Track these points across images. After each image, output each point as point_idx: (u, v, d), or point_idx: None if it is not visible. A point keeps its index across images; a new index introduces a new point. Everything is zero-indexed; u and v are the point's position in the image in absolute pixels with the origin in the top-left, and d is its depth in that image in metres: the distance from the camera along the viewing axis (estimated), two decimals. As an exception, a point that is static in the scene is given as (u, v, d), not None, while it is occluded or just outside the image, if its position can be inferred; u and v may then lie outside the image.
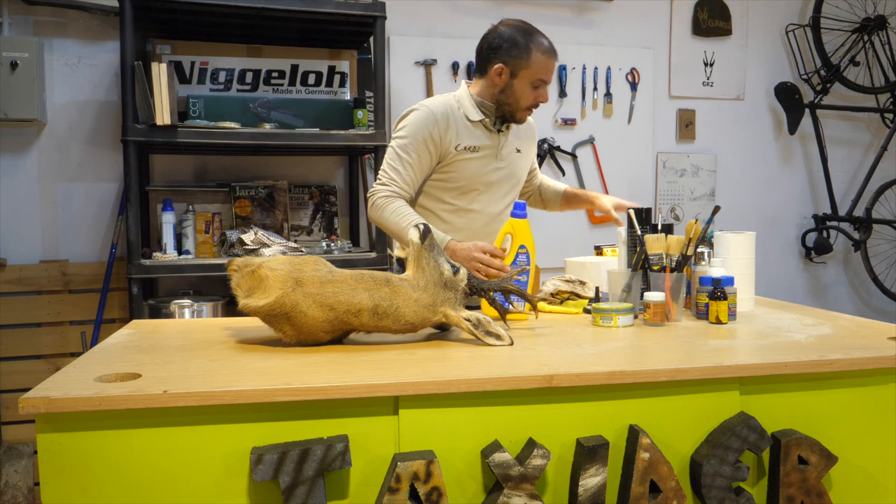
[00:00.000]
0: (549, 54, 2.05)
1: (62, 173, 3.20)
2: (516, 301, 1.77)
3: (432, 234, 1.51)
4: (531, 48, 2.03)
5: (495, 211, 2.16)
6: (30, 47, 2.98)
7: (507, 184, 2.18)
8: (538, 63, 2.02)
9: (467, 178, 2.09)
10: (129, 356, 1.37)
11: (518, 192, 2.27)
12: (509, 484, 1.19)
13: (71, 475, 1.10)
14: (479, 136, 2.09)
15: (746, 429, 1.29)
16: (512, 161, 2.18)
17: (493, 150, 2.11)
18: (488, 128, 2.10)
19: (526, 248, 1.80)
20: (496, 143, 2.12)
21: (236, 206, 3.20)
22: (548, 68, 2.05)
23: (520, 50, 2.03)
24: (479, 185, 2.11)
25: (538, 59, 2.02)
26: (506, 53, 2.04)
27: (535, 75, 2.03)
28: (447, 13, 3.65)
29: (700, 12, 4.01)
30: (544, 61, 2.03)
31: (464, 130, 2.07)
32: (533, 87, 2.05)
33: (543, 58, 2.03)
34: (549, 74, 2.06)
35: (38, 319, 3.11)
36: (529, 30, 2.08)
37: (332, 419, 1.18)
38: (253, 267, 1.44)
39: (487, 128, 2.10)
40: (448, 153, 2.06)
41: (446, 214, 2.12)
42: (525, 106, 2.08)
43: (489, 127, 2.10)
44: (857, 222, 4.17)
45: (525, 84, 2.04)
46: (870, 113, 4.31)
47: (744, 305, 1.89)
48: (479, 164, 2.09)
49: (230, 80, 3.24)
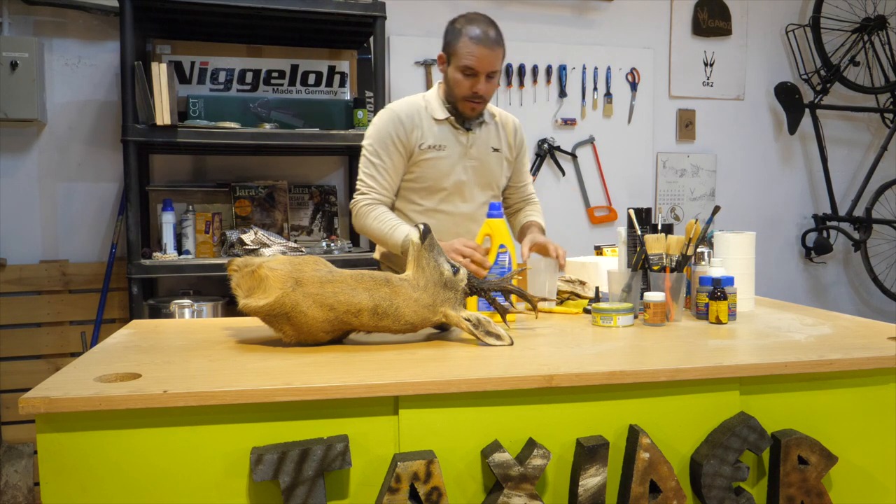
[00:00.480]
0: (475, 41, 1.97)
1: (62, 173, 3.19)
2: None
3: (432, 234, 1.51)
4: (461, 33, 1.98)
5: (467, 211, 2.12)
6: (30, 47, 2.98)
7: (478, 184, 2.14)
8: (463, 49, 1.97)
9: (433, 178, 2.07)
10: (129, 356, 1.37)
11: (495, 194, 2.21)
12: (509, 484, 1.19)
13: (71, 475, 1.10)
14: (445, 134, 2.07)
15: (746, 429, 1.29)
16: (485, 160, 2.14)
17: (460, 149, 2.08)
18: (455, 126, 2.08)
19: (506, 247, 1.78)
20: (463, 143, 2.09)
21: (236, 206, 3.20)
22: (472, 54, 1.96)
23: (452, 35, 2.01)
24: (447, 185, 2.09)
25: (464, 44, 1.97)
26: (445, 41, 2.04)
27: (461, 61, 1.98)
28: (447, 13, 3.63)
29: (700, 12, 4.01)
30: (469, 47, 1.97)
31: (429, 129, 2.05)
32: (464, 76, 1.99)
33: (469, 43, 1.97)
34: (475, 61, 1.97)
35: (38, 319, 3.11)
36: (474, 18, 2.01)
37: (332, 419, 1.18)
38: (253, 267, 1.44)
39: (454, 126, 2.08)
40: (414, 152, 2.05)
41: (416, 216, 2.11)
42: (461, 96, 2.02)
43: (455, 125, 2.08)
44: (857, 222, 4.17)
45: (455, 71, 2.00)
46: (870, 113, 4.31)
47: (744, 305, 1.89)
48: (446, 163, 2.07)
49: (230, 80, 3.24)
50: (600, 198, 3.92)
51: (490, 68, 2.00)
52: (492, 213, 1.82)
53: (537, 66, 3.75)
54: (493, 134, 2.16)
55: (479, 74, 1.99)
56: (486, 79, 2.01)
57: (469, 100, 2.03)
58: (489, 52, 1.98)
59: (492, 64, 2.00)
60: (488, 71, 2.00)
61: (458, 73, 1.99)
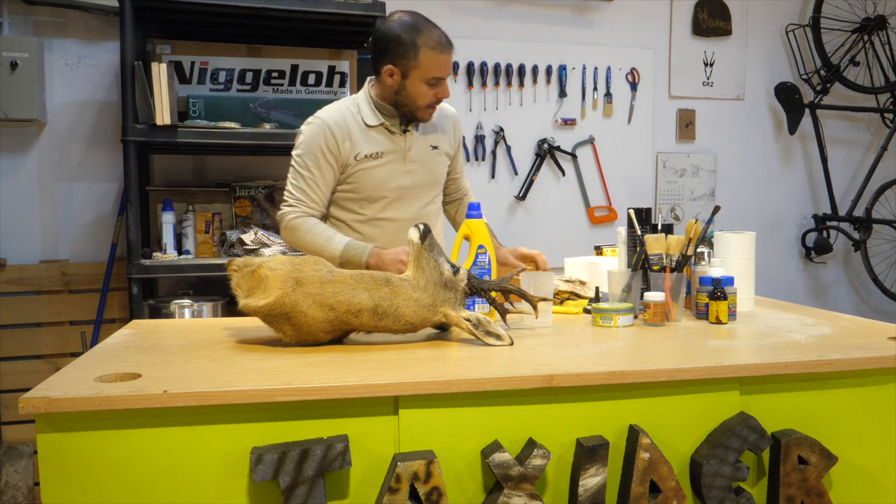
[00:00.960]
0: (439, 50, 1.90)
1: (62, 173, 3.19)
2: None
3: (432, 234, 1.51)
4: (419, 46, 1.89)
5: (411, 216, 2.03)
6: (30, 47, 2.98)
7: (421, 186, 2.06)
8: (428, 61, 1.89)
9: (373, 187, 1.99)
10: (129, 356, 1.37)
11: (439, 192, 2.14)
12: (509, 484, 1.19)
13: (71, 475, 1.10)
14: (381, 141, 1.99)
15: (746, 429, 1.29)
16: (426, 161, 2.06)
17: (398, 154, 2.00)
18: (390, 130, 2.00)
19: (485, 247, 1.76)
20: (401, 146, 2.01)
21: (236, 206, 3.20)
22: (440, 64, 1.91)
23: (406, 49, 1.89)
24: (388, 193, 2.01)
25: (427, 57, 1.89)
26: (393, 53, 1.91)
27: (428, 74, 1.90)
28: (447, 13, 3.65)
29: (700, 12, 4.01)
30: (435, 58, 1.90)
31: (362, 138, 1.97)
32: (428, 86, 1.92)
33: (433, 55, 1.90)
34: (442, 71, 1.92)
35: (38, 319, 3.11)
36: (418, 24, 1.92)
37: (332, 419, 1.18)
38: (253, 267, 1.43)
39: (389, 130, 2.00)
40: (348, 163, 1.97)
41: (358, 225, 2.03)
42: (424, 105, 1.95)
43: (390, 129, 2.00)
44: (857, 222, 4.17)
45: (418, 84, 1.92)
46: (870, 113, 4.31)
47: (744, 305, 1.89)
48: (385, 170, 1.99)
49: (230, 80, 3.23)
50: (600, 198, 3.92)
51: (451, 70, 1.97)
52: (470, 213, 1.78)
53: (537, 66, 3.75)
54: (431, 131, 2.08)
55: (444, 79, 1.95)
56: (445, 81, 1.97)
57: (430, 106, 1.97)
58: (449, 57, 1.95)
59: (451, 66, 1.97)
60: (449, 74, 1.97)
61: (423, 84, 1.92)
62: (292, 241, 1.99)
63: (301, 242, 1.96)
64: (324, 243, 1.91)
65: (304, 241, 1.95)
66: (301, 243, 1.96)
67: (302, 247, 1.97)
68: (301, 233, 1.95)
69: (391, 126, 2.01)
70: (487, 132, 3.72)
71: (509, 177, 3.77)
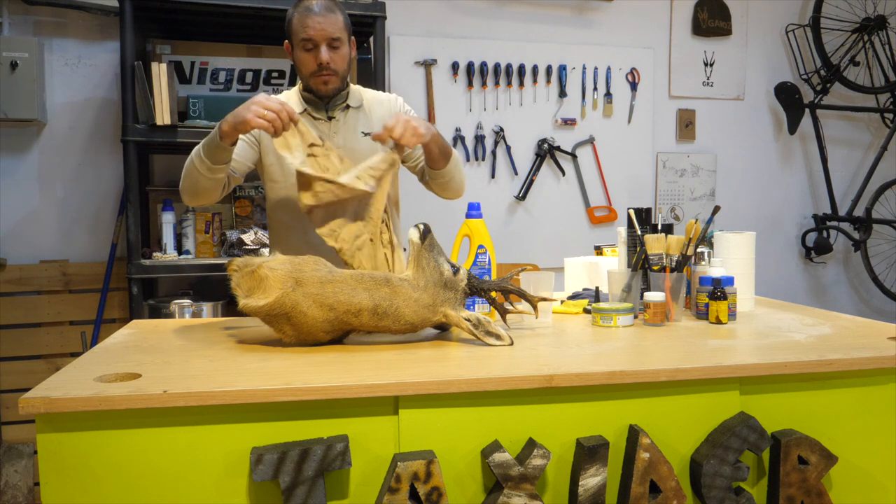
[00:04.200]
0: (305, 12, 1.90)
1: (62, 173, 3.20)
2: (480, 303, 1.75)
3: (432, 234, 1.51)
4: (292, 14, 1.93)
5: None
6: (30, 47, 2.98)
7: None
8: (297, 25, 1.91)
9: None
10: (129, 356, 1.37)
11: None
12: (509, 484, 1.19)
13: (71, 475, 1.10)
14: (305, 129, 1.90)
15: (746, 429, 1.29)
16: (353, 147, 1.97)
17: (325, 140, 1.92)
18: (314, 116, 1.98)
19: (485, 247, 1.76)
20: (325, 131, 1.97)
21: (236, 206, 3.20)
22: (306, 27, 1.89)
23: (287, 20, 1.95)
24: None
25: (297, 21, 1.91)
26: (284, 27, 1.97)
27: (298, 36, 1.91)
28: (447, 13, 3.65)
29: (700, 12, 4.01)
30: (302, 21, 1.90)
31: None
32: (305, 51, 1.92)
33: (300, 18, 1.91)
34: (309, 31, 1.89)
35: (38, 319, 3.11)
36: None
37: (332, 419, 1.18)
38: (253, 267, 1.43)
39: (313, 116, 1.98)
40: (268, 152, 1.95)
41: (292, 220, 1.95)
42: (308, 73, 1.94)
43: (314, 115, 1.98)
44: (857, 222, 4.17)
45: (297, 50, 1.93)
46: (870, 113, 4.31)
47: (744, 305, 1.89)
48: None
49: (230, 80, 3.23)
50: (600, 198, 3.92)
51: (328, 35, 1.91)
52: (470, 213, 1.79)
53: (537, 66, 3.75)
54: (362, 118, 2.03)
55: (319, 44, 1.91)
56: (328, 49, 1.92)
57: (317, 74, 1.93)
58: (322, 20, 1.90)
59: (328, 31, 1.91)
60: (327, 38, 1.91)
61: (300, 50, 1.92)
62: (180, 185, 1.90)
63: (182, 175, 1.88)
64: (192, 154, 1.84)
65: (187, 168, 1.87)
66: (182, 176, 1.88)
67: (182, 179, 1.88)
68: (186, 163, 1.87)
69: (314, 112, 1.99)
70: (487, 132, 3.72)
71: (509, 177, 3.77)
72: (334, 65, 1.94)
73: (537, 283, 1.72)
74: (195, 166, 1.82)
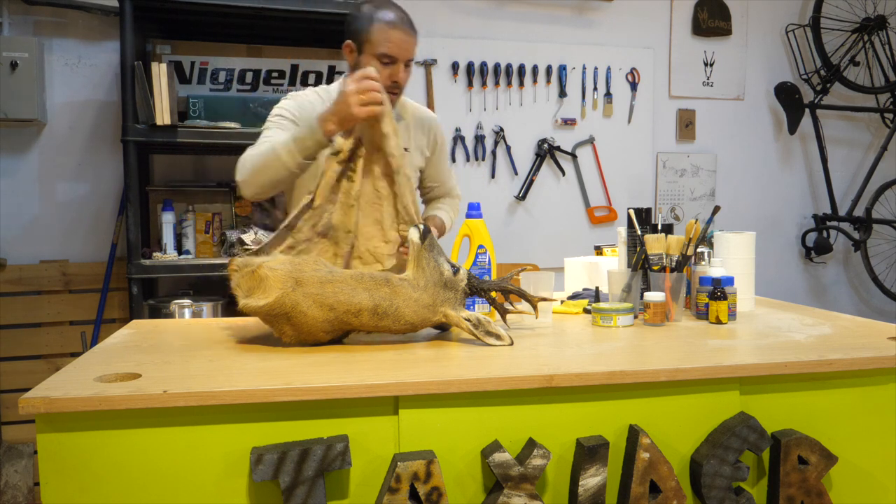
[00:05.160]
0: (391, 25, 1.82)
1: (62, 173, 3.20)
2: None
3: (432, 234, 1.51)
4: (373, 18, 1.82)
5: None
6: (30, 47, 2.98)
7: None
8: (378, 34, 1.81)
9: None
10: (129, 356, 1.37)
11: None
12: (509, 484, 1.19)
13: (71, 475, 1.10)
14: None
15: (746, 429, 1.29)
16: None
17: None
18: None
19: (485, 247, 1.76)
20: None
21: (236, 206, 3.20)
22: (389, 40, 1.81)
23: (362, 21, 1.83)
24: None
25: (378, 29, 1.81)
26: (351, 28, 1.87)
27: (377, 48, 1.82)
28: (447, 13, 3.65)
29: (700, 12, 4.01)
30: (385, 32, 1.81)
31: None
32: (381, 63, 1.82)
33: (384, 27, 1.82)
34: (393, 48, 1.82)
35: (38, 319, 3.11)
36: (382, 3, 1.86)
37: (332, 419, 1.18)
38: (253, 267, 1.43)
39: None
40: None
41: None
42: None
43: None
44: (857, 222, 4.17)
45: (370, 59, 1.83)
46: (870, 113, 4.31)
47: (744, 305, 1.89)
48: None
49: (230, 80, 3.23)
50: (600, 198, 3.92)
51: (409, 55, 1.86)
52: (470, 213, 1.79)
53: (537, 66, 3.75)
54: (403, 133, 2.00)
55: (398, 62, 1.85)
56: (403, 66, 1.86)
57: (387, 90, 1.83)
58: (406, 38, 1.85)
59: (410, 51, 1.86)
60: (407, 58, 1.86)
61: (374, 61, 1.83)
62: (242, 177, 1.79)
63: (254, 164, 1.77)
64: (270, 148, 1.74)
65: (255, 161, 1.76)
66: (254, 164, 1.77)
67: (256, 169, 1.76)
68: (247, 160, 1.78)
69: None
70: (487, 132, 3.72)
71: (509, 177, 3.77)
72: (403, 83, 1.90)
73: (537, 283, 1.72)
74: (282, 162, 1.71)
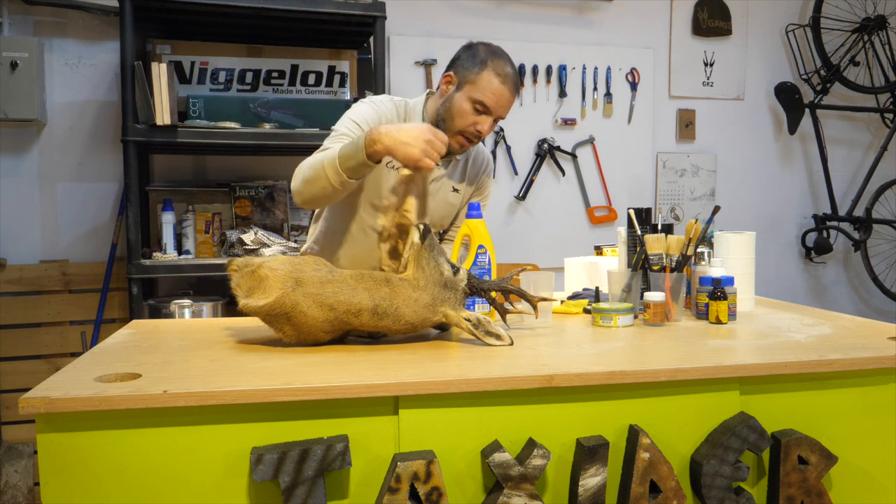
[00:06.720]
0: (501, 79, 1.82)
1: (62, 173, 3.20)
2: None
3: (432, 234, 1.51)
4: (487, 64, 1.83)
5: None
6: (30, 47, 2.98)
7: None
8: (485, 81, 1.82)
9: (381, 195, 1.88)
10: (129, 356, 1.37)
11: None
12: (509, 484, 1.19)
13: (71, 475, 1.10)
14: None
15: (746, 429, 1.29)
16: (440, 198, 1.96)
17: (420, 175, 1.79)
18: None
19: (485, 247, 1.76)
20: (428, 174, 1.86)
21: (236, 206, 3.20)
22: (492, 91, 1.82)
23: (474, 62, 1.84)
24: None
25: (487, 77, 1.82)
26: (460, 62, 1.87)
27: (476, 93, 1.82)
28: (447, 13, 3.65)
29: (700, 12, 4.01)
30: (492, 82, 1.82)
31: None
32: (473, 108, 1.83)
33: (493, 78, 1.82)
34: (492, 99, 1.82)
35: (38, 319, 3.11)
36: (498, 52, 1.87)
37: (332, 419, 1.18)
38: (253, 267, 1.43)
39: None
40: None
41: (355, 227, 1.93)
42: (459, 127, 1.84)
43: None
44: (857, 222, 4.17)
45: (465, 99, 1.83)
46: (870, 113, 4.31)
47: (744, 305, 1.89)
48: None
49: (230, 80, 3.24)
50: (600, 198, 3.92)
51: (503, 113, 1.87)
52: (470, 213, 1.78)
53: (537, 66, 3.75)
54: (459, 172, 2.01)
55: (491, 115, 1.85)
56: (493, 121, 1.86)
57: (465, 135, 1.86)
58: (510, 96, 1.85)
59: (506, 108, 1.87)
60: (500, 115, 1.87)
61: (468, 103, 1.83)
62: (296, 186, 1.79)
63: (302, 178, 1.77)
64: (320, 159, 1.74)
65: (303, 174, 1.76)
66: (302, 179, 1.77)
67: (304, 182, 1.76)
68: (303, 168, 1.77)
69: None
70: (487, 132, 3.72)
71: (509, 177, 3.77)
72: (484, 136, 1.89)
73: (537, 283, 1.72)
74: (328, 180, 1.71)
